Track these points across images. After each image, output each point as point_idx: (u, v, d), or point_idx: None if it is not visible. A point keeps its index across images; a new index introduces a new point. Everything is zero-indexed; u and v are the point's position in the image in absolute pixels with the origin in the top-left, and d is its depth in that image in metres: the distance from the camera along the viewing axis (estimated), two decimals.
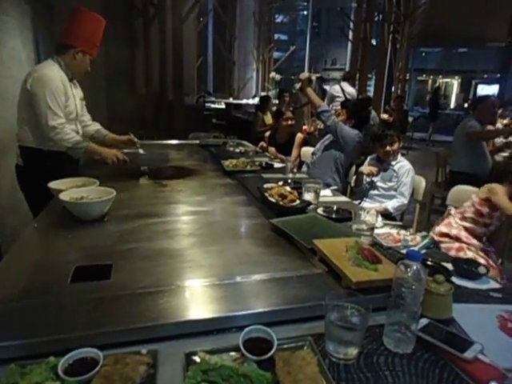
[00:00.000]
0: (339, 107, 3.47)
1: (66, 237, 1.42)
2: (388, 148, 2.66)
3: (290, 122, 3.55)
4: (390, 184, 2.64)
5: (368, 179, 2.73)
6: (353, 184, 2.90)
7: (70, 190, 1.64)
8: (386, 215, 2.40)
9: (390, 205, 2.53)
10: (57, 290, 1.06)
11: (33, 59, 3.52)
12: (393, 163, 2.66)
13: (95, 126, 2.56)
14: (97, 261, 1.23)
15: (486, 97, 4.03)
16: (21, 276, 1.14)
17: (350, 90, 6.35)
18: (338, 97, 6.22)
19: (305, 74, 3.02)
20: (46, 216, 1.65)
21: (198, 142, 3.53)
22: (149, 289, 1.04)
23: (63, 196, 1.55)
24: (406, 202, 2.55)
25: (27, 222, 1.66)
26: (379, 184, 2.69)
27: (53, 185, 1.71)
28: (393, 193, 2.63)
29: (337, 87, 6.40)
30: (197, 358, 0.81)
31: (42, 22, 3.77)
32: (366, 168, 2.75)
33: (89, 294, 1.01)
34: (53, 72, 2.11)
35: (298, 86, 2.95)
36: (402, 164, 2.65)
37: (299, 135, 3.59)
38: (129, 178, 2.23)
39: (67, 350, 0.79)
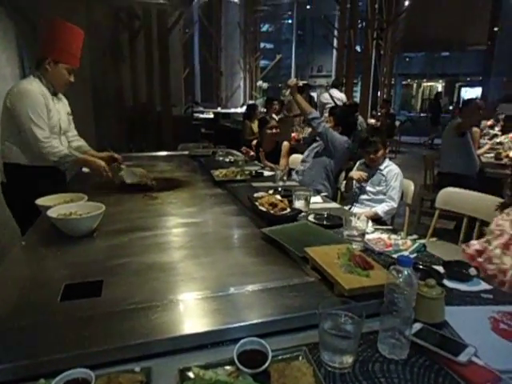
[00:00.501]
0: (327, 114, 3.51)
1: (54, 254, 1.40)
2: (372, 156, 2.70)
3: (274, 131, 3.55)
4: (379, 188, 2.67)
5: (357, 184, 2.75)
6: (343, 189, 2.92)
7: (58, 206, 1.62)
8: (377, 219, 2.42)
9: (380, 209, 2.56)
10: (46, 309, 1.04)
11: (18, 75, 3.50)
12: (381, 167, 2.69)
13: (78, 142, 2.51)
14: (87, 277, 1.21)
15: (471, 100, 4.10)
16: (8, 295, 1.12)
17: (340, 96, 6.45)
18: (328, 103, 6.32)
19: (293, 81, 3.04)
20: (34, 233, 1.62)
21: (187, 152, 3.53)
22: (141, 304, 1.02)
23: (51, 213, 1.53)
24: (395, 205, 2.57)
25: (15, 238, 1.63)
26: (368, 188, 2.71)
27: (40, 201, 1.69)
28: (381, 197, 2.65)
29: (326, 95, 6.52)
30: (191, 374, 0.80)
31: (27, 38, 3.76)
32: (356, 173, 2.77)
33: (79, 313, 1.00)
34: (31, 85, 2.09)
35: (287, 92, 2.96)
36: (390, 168, 2.68)
37: (285, 144, 3.60)
38: (118, 192, 2.21)
39: (58, 372, 0.77)
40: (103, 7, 5.65)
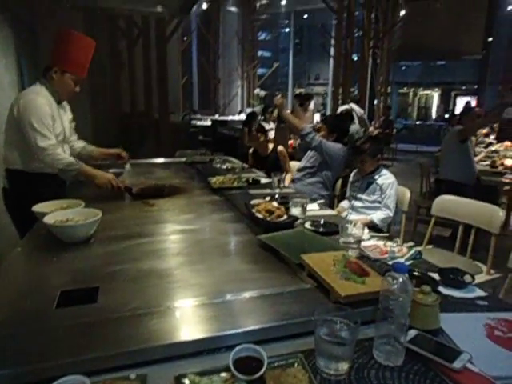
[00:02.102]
0: (320, 124, 3.53)
1: (50, 260, 1.40)
2: (359, 165, 2.73)
3: (261, 139, 3.67)
4: (374, 197, 2.67)
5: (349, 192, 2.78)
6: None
7: (54, 212, 1.62)
8: (373, 227, 2.43)
9: (376, 217, 2.56)
10: (42, 316, 1.04)
11: (16, 82, 3.51)
12: (376, 177, 2.70)
13: (81, 144, 2.55)
14: (83, 284, 1.21)
15: (471, 108, 4.13)
16: (4, 302, 1.11)
17: (359, 111, 6.70)
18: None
19: (278, 99, 3.02)
20: (31, 240, 1.62)
21: (184, 159, 3.54)
22: (137, 311, 1.03)
23: (48, 219, 1.53)
24: (391, 214, 2.58)
25: (14, 245, 1.63)
26: (364, 197, 2.72)
27: (37, 208, 1.69)
28: (377, 205, 2.66)
29: (347, 106, 6.70)
30: (186, 381, 0.80)
31: (26, 46, 3.78)
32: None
33: (75, 319, 0.99)
34: (38, 96, 2.10)
35: (274, 113, 2.97)
36: (385, 177, 2.68)
37: (281, 149, 3.63)
38: (115, 199, 2.22)
39: (53, 378, 0.77)
40: (102, 15, 5.70)
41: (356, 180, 2.84)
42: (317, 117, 7.44)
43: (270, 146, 3.77)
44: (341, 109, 7.00)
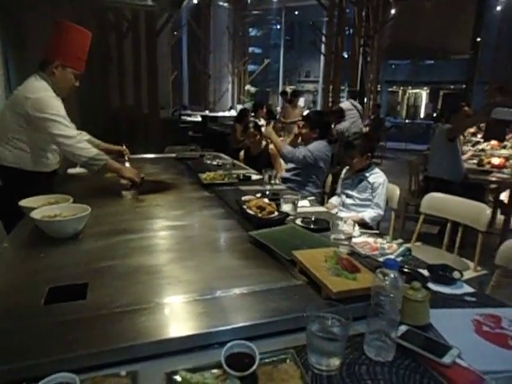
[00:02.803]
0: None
1: (38, 256, 1.37)
2: (348, 160, 2.75)
3: (252, 139, 3.70)
4: (365, 195, 2.69)
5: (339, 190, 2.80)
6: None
7: (42, 207, 1.59)
8: (363, 224, 2.44)
9: (367, 215, 2.57)
10: (30, 312, 1.02)
11: (1, 76, 3.43)
12: (367, 174, 2.71)
13: (85, 136, 2.47)
14: (71, 280, 1.19)
15: (459, 107, 4.15)
16: None
17: (360, 107, 7.10)
18: (349, 109, 6.83)
19: (267, 131, 3.19)
20: (18, 235, 1.59)
21: (174, 155, 3.51)
22: (127, 307, 1.01)
23: (35, 214, 1.50)
24: (381, 212, 2.59)
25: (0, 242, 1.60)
26: (355, 194, 2.73)
27: (24, 203, 1.66)
28: (367, 203, 2.67)
29: (347, 102, 7.09)
30: (178, 377, 0.80)
31: (13, 37, 3.69)
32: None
33: (64, 316, 0.98)
34: (48, 91, 2.06)
35: (270, 145, 2.99)
36: (376, 176, 2.69)
37: (272, 147, 3.63)
38: (104, 194, 2.19)
39: (41, 376, 0.76)
40: (90, 6, 5.60)
41: (347, 177, 2.85)
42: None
43: (264, 143, 3.77)
44: (340, 105, 7.17)
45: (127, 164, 2.44)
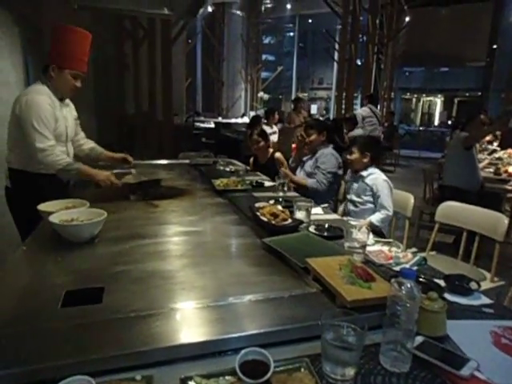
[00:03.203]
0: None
1: (55, 260, 1.39)
2: (348, 156, 2.73)
3: (255, 146, 3.64)
4: (365, 198, 2.64)
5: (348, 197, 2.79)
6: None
7: (59, 212, 1.62)
8: (374, 230, 2.41)
9: (374, 218, 2.51)
10: (47, 315, 1.03)
11: (22, 81, 3.52)
12: (363, 174, 2.65)
13: (90, 144, 2.54)
14: (88, 284, 1.20)
15: (476, 115, 4.08)
16: (9, 301, 1.11)
17: (378, 113, 7.21)
18: (368, 116, 6.93)
19: (285, 174, 3.08)
20: (35, 239, 1.62)
21: (188, 161, 3.54)
22: (141, 312, 1.02)
23: (53, 218, 1.53)
24: (389, 213, 2.52)
25: (14, 245, 1.63)
26: (354, 198, 2.70)
27: (42, 207, 1.69)
28: (369, 206, 2.63)
29: (366, 108, 7.15)
30: (192, 383, 0.80)
31: (32, 44, 3.79)
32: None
33: (80, 319, 0.99)
34: (41, 95, 2.09)
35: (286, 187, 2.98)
36: (374, 176, 2.62)
37: (278, 155, 3.62)
38: (120, 199, 2.22)
39: (58, 379, 0.77)
40: (108, 16, 5.72)
41: (348, 180, 2.84)
42: None
43: (271, 151, 3.73)
44: (359, 111, 7.20)
45: (133, 171, 2.47)
